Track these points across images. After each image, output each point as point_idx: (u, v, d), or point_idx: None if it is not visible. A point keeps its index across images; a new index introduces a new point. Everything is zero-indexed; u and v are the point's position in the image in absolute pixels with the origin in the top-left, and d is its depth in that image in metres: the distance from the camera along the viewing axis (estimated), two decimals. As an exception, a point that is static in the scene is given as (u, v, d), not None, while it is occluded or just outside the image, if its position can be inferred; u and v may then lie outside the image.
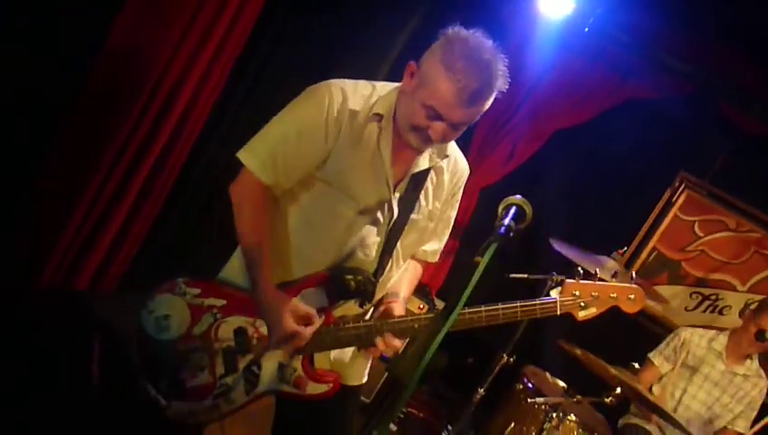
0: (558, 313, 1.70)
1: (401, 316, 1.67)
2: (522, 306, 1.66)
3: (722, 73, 3.67)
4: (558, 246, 3.06)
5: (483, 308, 1.64)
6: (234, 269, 1.77)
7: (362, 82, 1.70)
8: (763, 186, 3.90)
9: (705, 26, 3.56)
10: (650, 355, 3.49)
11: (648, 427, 3.40)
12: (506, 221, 1.26)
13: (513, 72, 1.59)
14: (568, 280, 1.71)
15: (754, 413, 3.40)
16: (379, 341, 1.64)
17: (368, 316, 1.74)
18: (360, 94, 1.65)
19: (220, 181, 3.24)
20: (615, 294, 1.73)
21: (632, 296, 1.74)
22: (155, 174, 2.78)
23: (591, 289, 1.71)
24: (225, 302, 1.69)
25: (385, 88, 1.69)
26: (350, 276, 1.67)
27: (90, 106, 2.49)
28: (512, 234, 1.23)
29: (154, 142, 2.69)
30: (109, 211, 2.71)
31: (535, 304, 1.67)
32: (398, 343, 1.64)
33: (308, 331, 1.63)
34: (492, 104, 1.59)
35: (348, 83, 1.66)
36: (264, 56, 3.10)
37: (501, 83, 1.55)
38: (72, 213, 2.59)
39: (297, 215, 1.69)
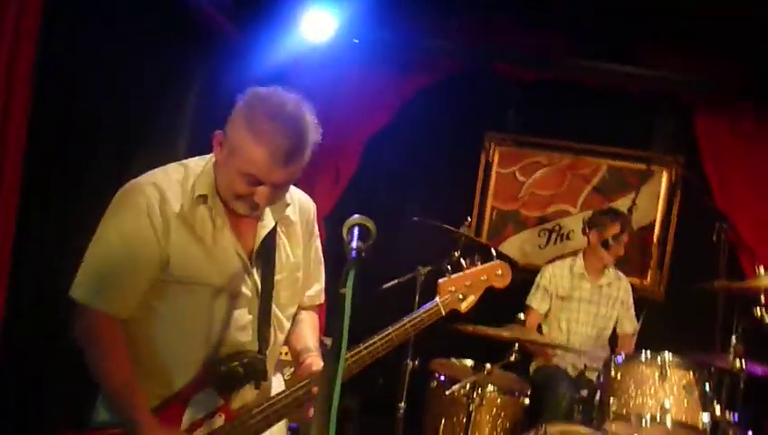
0: (444, 313, 1.76)
1: (297, 387, 1.62)
2: (410, 322, 1.70)
3: (490, 39, 4.02)
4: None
5: (375, 338, 1.65)
6: (105, 411, 1.60)
7: (171, 167, 1.62)
8: (552, 119, 4.32)
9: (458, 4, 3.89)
10: (527, 302, 3.74)
11: (554, 362, 3.63)
12: (354, 244, 1.27)
13: (310, 98, 1.57)
14: (440, 280, 1.78)
15: (632, 310, 3.78)
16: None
17: (287, 377, 1.68)
18: (175, 181, 1.57)
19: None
20: (485, 277, 1.83)
21: (499, 272, 1.85)
22: None
23: (464, 280, 1.79)
24: None
25: (198, 165, 1.62)
26: (235, 363, 1.58)
27: None
28: (363, 254, 1.25)
29: None
30: None
31: (421, 314, 1.72)
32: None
33: None
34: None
35: (157, 175, 1.58)
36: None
37: (314, 135, 1.53)
38: None
39: (158, 323, 1.57)
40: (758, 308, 2.81)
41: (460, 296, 1.78)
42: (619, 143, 4.28)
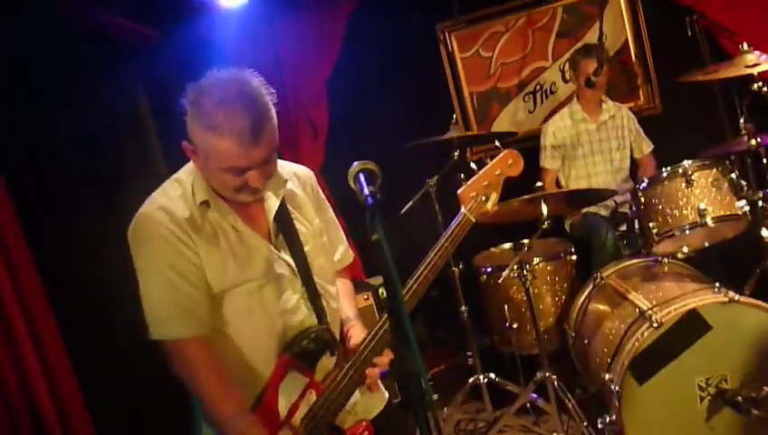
0: (474, 220, 1.75)
1: (365, 336, 1.66)
2: (447, 240, 1.71)
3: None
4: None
5: (422, 268, 1.67)
6: (208, 428, 1.67)
7: (167, 185, 1.64)
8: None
9: None
10: (541, 164, 3.77)
11: (586, 209, 3.69)
12: (366, 191, 1.30)
13: (257, 69, 1.55)
14: (458, 190, 1.77)
15: (641, 132, 3.81)
16: (370, 369, 1.64)
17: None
18: (176, 198, 1.59)
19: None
20: (499, 171, 1.80)
21: (510, 162, 1.81)
22: None
23: (481, 182, 1.78)
24: None
25: (189, 174, 1.63)
26: (304, 342, 1.64)
27: None
28: (379, 196, 1.27)
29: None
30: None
31: (454, 230, 1.72)
32: (386, 358, 1.64)
33: None
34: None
35: (159, 199, 1.59)
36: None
37: (269, 97, 1.51)
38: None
39: (223, 337, 1.62)
40: (754, 83, 2.82)
41: (483, 198, 1.77)
42: (565, -19, 4.18)
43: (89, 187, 2.96)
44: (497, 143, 1.98)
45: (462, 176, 1.81)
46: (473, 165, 1.85)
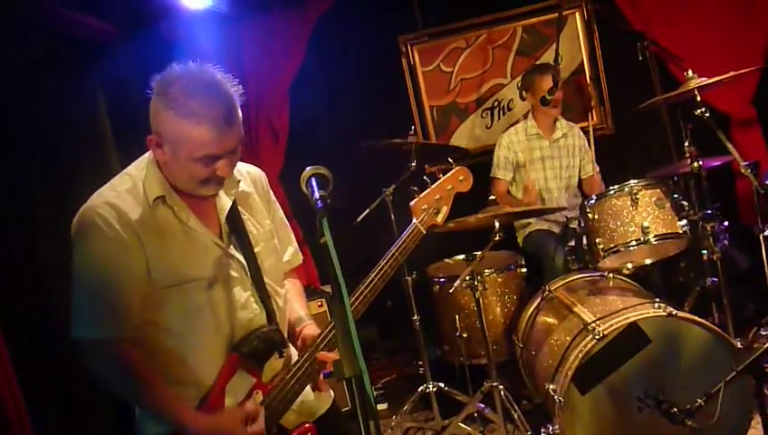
0: (424, 231, 1.82)
1: (317, 335, 1.70)
2: (397, 250, 1.76)
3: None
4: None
5: (372, 275, 1.72)
6: (152, 424, 1.67)
7: (116, 180, 1.62)
8: (456, 2, 4.32)
9: None
10: (492, 174, 3.85)
11: (538, 226, 3.78)
12: (316, 194, 1.32)
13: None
14: (411, 202, 1.83)
15: (591, 152, 3.91)
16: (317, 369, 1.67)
17: (294, 355, 1.76)
18: (125, 192, 1.57)
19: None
20: (450, 186, 1.88)
21: (461, 178, 1.90)
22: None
23: (432, 195, 1.85)
24: None
25: (140, 169, 1.62)
26: (253, 342, 1.64)
27: None
28: (329, 201, 1.30)
29: None
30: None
31: (405, 239, 1.78)
32: (331, 355, 1.65)
33: (259, 424, 1.61)
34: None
35: (105, 193, 1.57)
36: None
37: (235, 88, 1.54)
38: None
39: (168, 335, 1.61)
40: (697, 109, 2.95)
41: (434, 211, 1.84)
42: (525, 1, 4.30)
43: (44, 187, 2.90)
44: (450, 160, 2.04)
45: (415, 188, 1.87)
46: (426, 178, 1.90)
